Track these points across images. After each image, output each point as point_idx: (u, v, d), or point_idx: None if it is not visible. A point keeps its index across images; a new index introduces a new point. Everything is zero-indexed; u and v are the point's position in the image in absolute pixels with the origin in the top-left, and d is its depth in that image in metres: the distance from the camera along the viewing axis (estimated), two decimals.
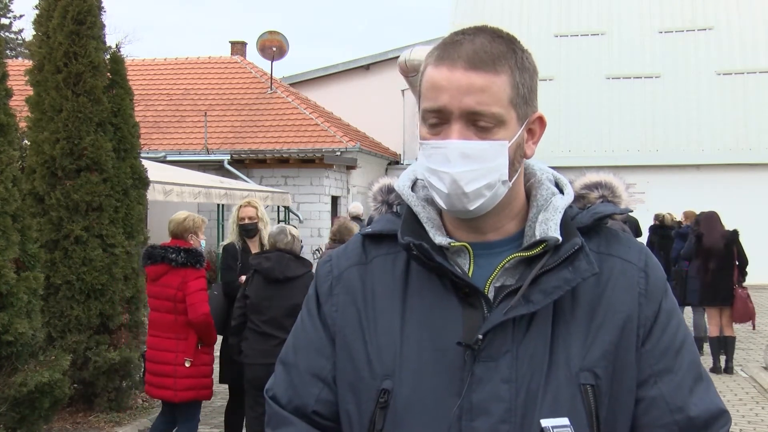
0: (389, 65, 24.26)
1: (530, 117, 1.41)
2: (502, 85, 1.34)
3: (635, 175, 18.81)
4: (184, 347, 5.52)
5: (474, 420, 1.33)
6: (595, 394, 1.35)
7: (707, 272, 9.58)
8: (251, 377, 5.49)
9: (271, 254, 5.54)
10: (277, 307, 5.41)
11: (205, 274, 5.63)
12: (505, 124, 1.35)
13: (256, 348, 5.45)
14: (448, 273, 1.38)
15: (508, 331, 1.36)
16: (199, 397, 5.70)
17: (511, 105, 1.36)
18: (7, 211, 5.61)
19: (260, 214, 6.40)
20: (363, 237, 1.53)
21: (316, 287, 1.53)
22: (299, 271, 5.48)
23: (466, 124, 1.34)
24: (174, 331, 5.53)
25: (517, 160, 1.40)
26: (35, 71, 7.49)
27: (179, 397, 5.56)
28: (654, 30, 24.00)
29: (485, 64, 1.34)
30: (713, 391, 1.43)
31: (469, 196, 1.36)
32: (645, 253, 1.46)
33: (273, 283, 5.44)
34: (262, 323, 5.46)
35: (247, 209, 6.36)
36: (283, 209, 18.02)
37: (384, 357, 1.40)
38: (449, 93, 1.34)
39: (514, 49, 1.38)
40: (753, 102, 21.94)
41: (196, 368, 5.58)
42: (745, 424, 7.55)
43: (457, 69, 1.34)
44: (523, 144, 1.41)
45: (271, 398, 1.50)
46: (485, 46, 1.35)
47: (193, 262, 5.49)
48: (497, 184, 1.36)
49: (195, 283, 5.48)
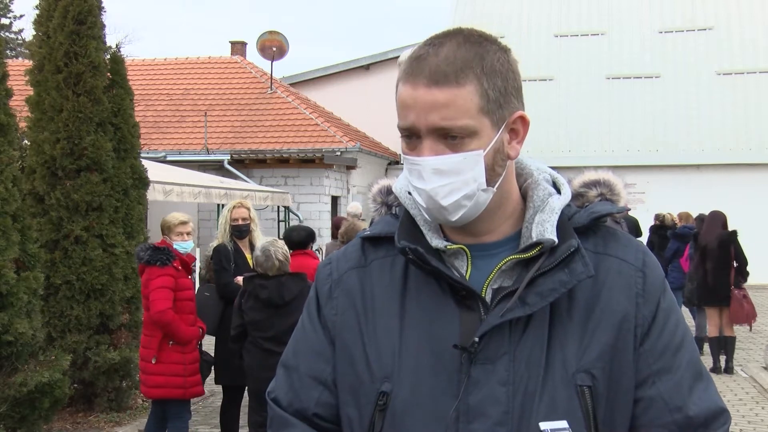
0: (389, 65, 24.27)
1: (509, 118, 1.38)
2: (467, 96, 1.33)
3: (635, 175, 18.81)
4: (153, 344, 5.62)
5: (471, 422, 1.34)
6: (592, 395, 1.35)
7: (705, 272, 9.59)
8: (254, 389, 5.55)
9: (267, 282, 5.44)
10: (278, 325, 5.39)
11: (171, 272, 5.63)
12: (477, 134, 1.34)
13: (260, 363, 5.43)
14: (445, 276, 1.39)
15: (504, 334, 1.36)
16: (171, 395, 5.69)
17: (482, 113, 1.34)
18: (7, 211, 5.61)
19: (252, 215, 6.46)
20: (362, 240, 1.53)
21: (317, 290, 1.53)
22: (296, 288, 5.44)
23: (437, 139, 1.34)
24: (148, 327, 5.68)
25: (498, 164, 1.38)
26: (35, 71, 7.49)
27: (150, 393, 5.69)
28: (654, 30, 23.99)
29: (446, 78, 1.32)
30: (713, 390, 1.43)
31: (448, 209, 1.36)
32: (643, 252, 1.45)
33: (273, 306, 5.43)
34: (264, 340, 5.44)
35: (241, 210, 6.38)
36: (283, 209, 18.02)
37: (383, 359, 1.40)
38: (415, 111, 1.34)
39: (482, 54, 1.35)
40: (753, 102, 21.93)
41: (164, 366, 5.62)
42: (745, 424, 7.55)
43: (420, 86, 1.33)
44: (503, 147, 1.39)
45: (273, 401, 1.52)
46: (449, 58, 1.33)
47: (155, 260, 5.57)
48: (476, 193, 1.36)
49: (156, 280, 5.56)
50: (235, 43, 24.73)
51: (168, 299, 5.57)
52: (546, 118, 20.66)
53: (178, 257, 5.75)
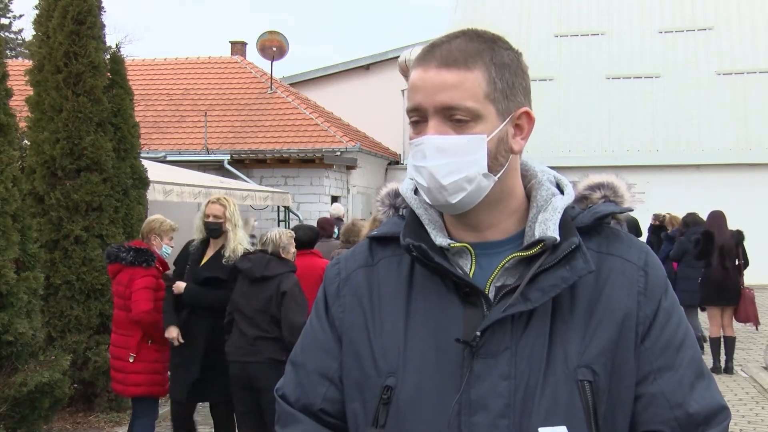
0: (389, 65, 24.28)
1: (515, 112, 1.43)
2: (476, 80, 1.38)
3: (635, 175, 18.80)
4: (131, 343, 5.69)
5: (473, 415, 1.36)
6: (593, 391, 1.36)
7: (725, 270, 9.48)
8: (231, 374, 5.57)
9: (252, 255, 5.60)
10: (252, 303, 5.47)
11: (155, 273, 5.79)
12: (482, 119, 1.39)
13: (233, 345, 5.53)
14: (449, 273, 1.41)
15: (506, 329, 1.38)
16: (151, 393, 5.80)
17: (488, 100, 1.39)
18: (7, 211, 5.61)
19: (228, 214, 5.74)
20: (370, 240, 1.57)
21: (325, 289, 1.57)
22: (277, 270, 5.50)
23: (442, 120, 1.39)
24: (125, 327, 5.71)
25: (501, 155, 1.42)
26: (35, 71, 7.49)
27: (129, 392, 5.75)
28: (654, 30, 23.99)
29: (457, 61, 1.38)
30: (714, 388, 1.44)
31: (448, 189, 1.39)
32: (645, 251, 1.47)
33: (252, 282, 5.49)
34: (241, 320, 5.52)
35: (214, 207, 5.77)
36: (283, 209, 18.03)
37: (388, 355, 1.43)
38: (423, 91, 1.39)
39: (492, 47, 1.42)
40: (753, 102, 21.92)
41: (145, 364, 5.71)
42: (745, 424, 7.55)
43: (431, 68, 1.39)
44: (507, 139, 1.43)
45: (281, 397, 1.55)
46: (461, 46, 1.40)
47: (140, 261, 5.68)
48: (477, 177, 1.39)
49: (140, 281, 5.66)
50: (235, 43, 24.73)
51: (151, 300, 5.69)
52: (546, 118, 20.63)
53: (158, 259, 5.90)
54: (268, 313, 5.40)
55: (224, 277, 5.67)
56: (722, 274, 9.50)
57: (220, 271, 5.70)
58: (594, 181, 1.56)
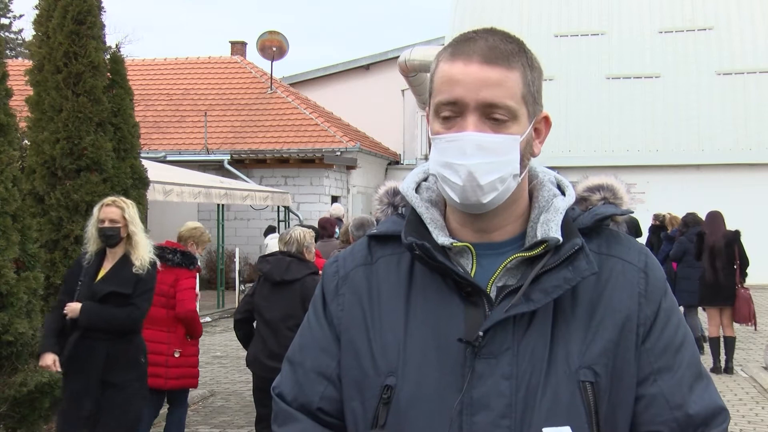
0: (389, 65, 24.29)
1: (538, 116, 1.45)
2: (516, 80, 1.38)
3: (635, 175, 18.81)
4: (174, 339, 5.95)
5: (475, 415, 1.36)
6: (594, 391, 1.37)
7: (715, 271, 9.54)
8: (254, 383, 5.73)
9: (271, 257, 5.66)
10: (275, 309, 5.46)
11: (196, 275, 6.25)
12: (517, 119, 1.39)
13: (254, 353, 5.57)
14: (450, 272, 1.41)
15: (508, 329, 1.38)
16: (187, 384, 6.18)
17: (523, 101, 1.40)
18: (7, 211, 5.61)
19: (128, 216, 4.99)
20: (369, 238, 1.56)
21: (323, 287, 1.56)
22: (299, 273, 5.47)
23: (481, 117, 1.37)
24: (166, 324, 5.92)
25: (527, 157, 1.43)
26: (35, 71, 7.49)
27: (169, 384, 5.97)
28: (654, 30, 23.97)
29: (500, 59, 1.38)
30: (713, 389, 1.45)
31: (484, 188, 1.38)
32: (645, 253, 1.48)
33: (274, 285, 5.49)
34: (263, 326, 5.54)
35: (110, 210, 4.98)
36: (283, 209, 18.03)
37: (388, 354, 1.42)
38: (465, 86, 1.37)
39: (524, 49, 1.43)
40: (753, 102, 21.92)
41: (185, 358, 6.03)
42: (745, 424, 7.55)
43: (473, 63, 1.37)
44: (531, 141, 1.44)
45: (278, 395, 1.54)
46: (498, 44, 1.40)
47: (186, 263, 6.03)
48: (509, 178, 1.39)
49: (186, 282, 6.00)
50: (235, 43, 24.75)
51: (195, 300, 6.13)
52: None
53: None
54: (292, 320, 5.24)
55: (128, 291, 4.88)
56: (712, 274, 9.55)
57: (123, 286, 4.88)
58: (593, 182, 1.56)
